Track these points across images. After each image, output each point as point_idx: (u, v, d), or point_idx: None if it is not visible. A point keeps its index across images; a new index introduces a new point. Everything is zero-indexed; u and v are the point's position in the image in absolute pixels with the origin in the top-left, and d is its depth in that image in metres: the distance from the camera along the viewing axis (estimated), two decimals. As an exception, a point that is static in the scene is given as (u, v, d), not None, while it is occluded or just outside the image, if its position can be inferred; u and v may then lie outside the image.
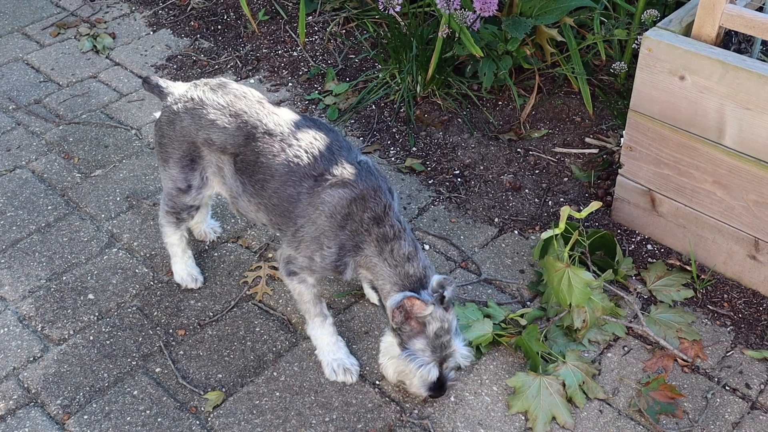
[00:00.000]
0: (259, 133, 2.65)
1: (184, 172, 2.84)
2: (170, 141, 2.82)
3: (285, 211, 2.65)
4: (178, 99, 2.81)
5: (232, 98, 2.74)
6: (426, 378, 2.57)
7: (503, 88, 4.18)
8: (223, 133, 2.70)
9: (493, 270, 3.26)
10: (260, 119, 2.68)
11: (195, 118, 2.75)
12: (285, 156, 2.60)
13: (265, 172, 2.64)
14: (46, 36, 4.77)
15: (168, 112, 2.83)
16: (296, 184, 2.60)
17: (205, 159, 2.81)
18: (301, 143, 2.62)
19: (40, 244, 3.40)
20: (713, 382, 2.83)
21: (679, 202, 3.18)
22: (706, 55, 2.81)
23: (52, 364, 2.91)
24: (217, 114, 2.71)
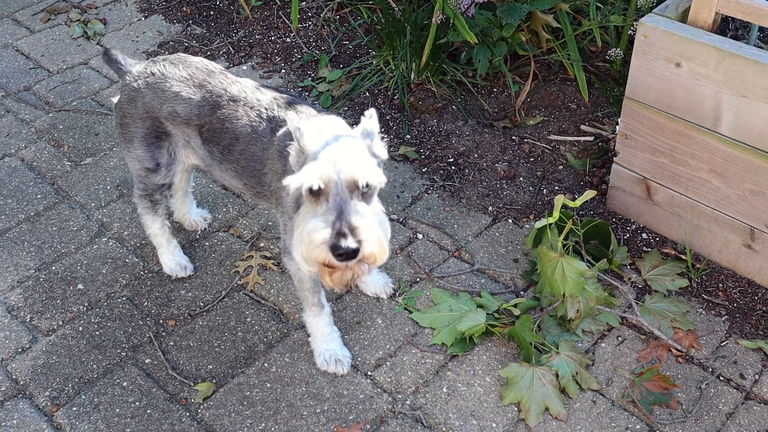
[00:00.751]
0: (223, 101, 2.64)
1: (150, 151, 2.81)
2: (132, 120, 2.78)
3: (254, 171, 2.64)
4: (138, 76, 2.77)
5: (193, 70, 2.72)
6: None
7: (498, 75, 4.14)
8: (188, 104, 2.68)
9: (486, 259, 3.23)
10: (224, 88, 2.67)
11: (158, 92, 2.72)
12: (248, 118, 2.60)
13: (231, 137, 2.63)
14: (36, 22, 4.71)
15: (128, 90, 2.78)
16: (258, 141, 2.60)
17: (171, 134, 2.79)
18: (262, 102, 2.62)
19: (29, 233, 3.36)
20: (707, 372, 2.81)
21: (674, 191, 3.15)
22: (703, 42, 2.76)
23: (41, 355, 2.88)
24: (181, 86, 2.69)
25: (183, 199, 3.27)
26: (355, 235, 2.10)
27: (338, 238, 2.09)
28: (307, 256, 2.17)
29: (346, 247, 2.08)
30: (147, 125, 2.76)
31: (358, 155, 2.20)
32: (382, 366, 2.84)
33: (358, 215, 2.13)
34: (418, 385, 2.78)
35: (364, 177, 2.15)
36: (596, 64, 4.12)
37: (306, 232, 2.15)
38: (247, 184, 2.71)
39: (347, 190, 2.14)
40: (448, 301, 3.02)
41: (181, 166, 2.88)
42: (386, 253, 2.19)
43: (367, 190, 2.18)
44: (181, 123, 2.71)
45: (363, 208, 2.16)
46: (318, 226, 2.12)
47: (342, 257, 2.10)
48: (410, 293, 3.09)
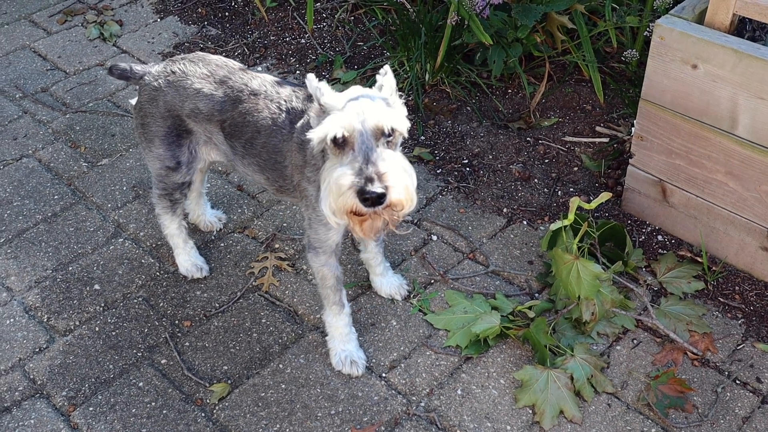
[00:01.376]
0: (244, 96, 2.67)
1: (171, 149, 2.83)
2: (153, 119, 2.80)
3: (275, 164, 2.66)
4: (158, 75, 2.79)
5: (214, 67, 2.75)
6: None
7: (513, 76, 4.13)
8: (210, 100, 2.70)
9: (501, 261, 3.23)
10: (245, 83, 2.69)
11: (179, 90, 2.74)
12: (268, 111, 2.63)
13: (252, 130, 2.65)
14: (53, 23, 4.75)
15: (149, 90, 2.80)
16: (278, 133, 2.62)
17: (192, 132, 2.81)
18: (282, 95, 2.64)
19: (47, 233, 3.39)
20: (723, 375, 2.80)
21: (690, 193, 3.14)
22: (720, 44, 2.75)
23: (58, 355, 2.91)
24: (203, 83, 2.72)
25: (197, 200, 3.29)
26: (382, 181, 2.11)
27: (365, 183, 2.10)
28: (335, 207, 2.17)
29: (372, 191, 2.09)
30: (168, 124, 2.78)
31: (381, 105, 2.22)
32: (397, 368, 2.84)
33: (384, 161, 2.15)
34: (433, 387, 2.78)
35: (389, 122, 2.18)
36: (611, 65, 4.10)
37: (333, 180, 2.17)
38: (269, 178, 2.72)
39: (373, 138, 2.16)
40: (462, 303, 3.02)
41: (201, 163, 2.90)
42: (414, 200, 2.21)
43: (391, 137, 2.21)
44: (203, 119, 2.73)
45: (389, 155, 2.18)
46: (345, 172, 2.14)
47: (368, 202, 2.11)
48: (425, 295, 3.09)
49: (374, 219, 2.19)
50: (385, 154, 2.17)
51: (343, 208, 2.16)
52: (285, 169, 2.65)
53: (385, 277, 3.07)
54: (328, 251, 2.67)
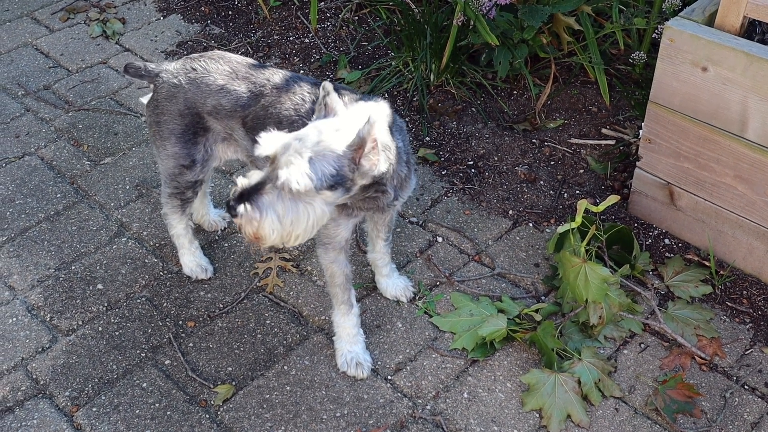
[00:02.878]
0: (267, 89, 2.67)
1: (186, 148, 2.81)
2: (171, 116, 2.77)
3: None
4: (177, 72, 2.77)
5: (234, 65, 2.75)
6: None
7: (518, 77, 4.11)
8: (234, 96, 2.69)
9: (507, 263, 3.20)
10: (267, 78, 2.70)
11: (201, 86, 2.72)
12: (291, 102, 2.63)
13: (275, 121, 2.65)
14: (56, 21, 4.72)
15: (167, 87, 2.78)
16: (301, 123, 2.60)
17: (210, 130, 2.80)
18: (304, 89, 2.65)
19: (49, 232, 3.36)
20: (732, 381, 2.78)
21: (698, 196, 3.12)
22: (731, 46, 2.73)
23: (61, 354, 2.88)
24: (226, 79, 2.71)
25: (201, 200, 3.26)
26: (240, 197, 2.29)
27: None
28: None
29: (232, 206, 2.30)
30: (186, 121, 2.76)
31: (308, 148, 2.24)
32: (402, 370, 2.82)
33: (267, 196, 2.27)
34: (439, 390, 2.76)
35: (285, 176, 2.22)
36: (617, 67, 4.08)
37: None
38: None
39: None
40: (468, 306, 3.00)
41: (216, 162, 2.88)
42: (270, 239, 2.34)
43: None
44: (225, 116, 2.72)
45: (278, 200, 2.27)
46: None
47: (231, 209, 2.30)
48: (430, 297, 3.07)
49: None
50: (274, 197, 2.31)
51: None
52: None
53: (391, 278, 3.05)
54: (338, 247, 2.65)
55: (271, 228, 2.28)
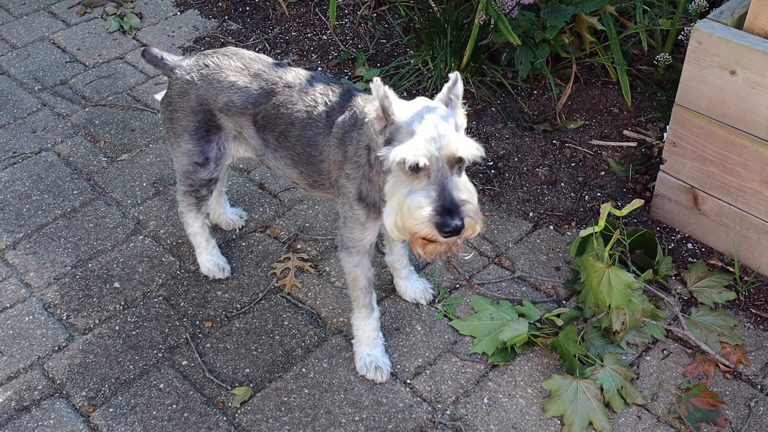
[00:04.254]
0: (279, 88, 2.64)
1: (200, 145, 2.78)
2: (184, 113, 2.75)
3: (310, 158, 2.62)
4: (190, 69, 2.75)
5: (247, 61, 2.71)
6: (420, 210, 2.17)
7: (539, 77, 4.06)
8: (245, 93, 2.66)
9: (527, 267, 3.17)
10: (279, 76, 2.66)
11: (213, 83, 2.70)
12: (303, 103, 2.59)
13: (286, 122, 2.62)
14: (73, 15, 4.70)
15: (180, 83, 2.75)
16: (313, 125, 2.58)
17: (222, 128, 2.76)
18: (317, 90, 2.61)
19: (66, 229, 3.34)
20: (756, 389, 2.73)
21: (723, 201, 3.07)
22: (761, 50, 2.68)
23: (77, 354, 2.86)
24: (238, 76, 2.68)
25: (218, 198, 3.24)
26: (459, 213, 2.13)
27: (444, 217, 2.12)
28: (402, 226, 2.20)
29: (454, 225, 2.12)
30: (199, 118, 2.73)
31: (453, 129, 2.20)
32: (422, 374, 2.79)
33: (458, 191, 2.17)
34: (459, 395, 2.72)
35: (466, 153, 2.17)
36: (639, 68, 4.03)
37: (407, 206, 2.18)
38: (303, 172, 2.67)
39: (447, 166, 2.16)
40: (488, 309, 2.96)
41: (229, 160, 2.85)
42: (483, 225, 2.24)
43: (463, 164, 2.20)
44: (236, 113, 2.69)
45: (462, 183, 2.20)
46: (421, 202, 2.15)
47: (448, 234, 2.13)
48: (450, 300, 3.03)
49: (444, 245, 2.22)
50: (459, 183, 2.18)
51: (413, 232, 2.18)
52: (321, 164, 2.59)
53: (410, 280, 3.02)
54: (362, 251, 2.61)
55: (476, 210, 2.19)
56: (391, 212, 2.22)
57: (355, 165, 2.45)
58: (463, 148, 2.17)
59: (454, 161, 2.17)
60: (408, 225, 2.17)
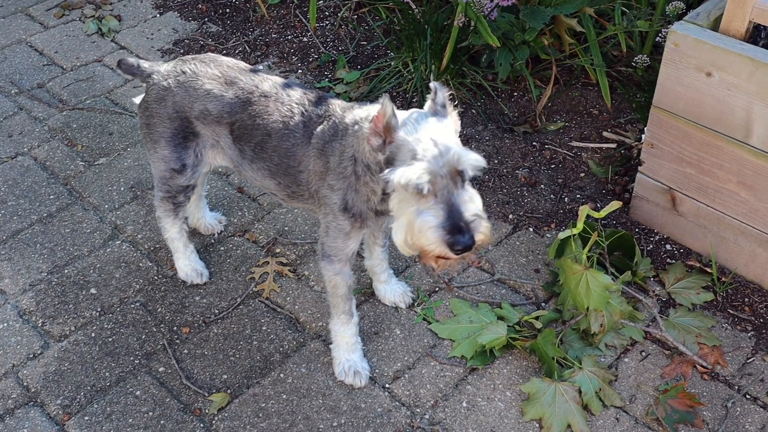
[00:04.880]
0: (255, 97, 2.61)
1: (177, 151, 2.76)
2: (160, 120, 2.73)
3: (288, 168, 2.60)
4: (167, 74, 2.72)
5: (224, 69, 2.69)
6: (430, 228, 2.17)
7: (519, 79, 4.06)
8: (220, 101, 2.64)
9: (507, 269, 3.16)
10: (256, 84, 2.64)
11: (189, 90, 2.67)
12: (279, 113, 2.57)
13: (263, 133, 2.59)
14: (50, 17, 4.66)
15: (157, 89, 2.73)
16: (290, 136, 2.56)
17: (199, 135, 2.74)
18: (293, 99, 2.59)
19: (42, 235, 3.31)
20: (734, 390, 2.74)
21: (700, 202, 3.08)
22: (736, 52, 2.69)
23: (53, 361, 2.83)
24: (213, 83, 2.65)
25: (197, 203, 3.22)
26: (470, 229, 2.13)
27: (455, 236, 2.12)
28: (412, 244, 2.20)
29: (465, 242, 2.13)
30: (176, 125, 2.71)
31: (454, 141, 2.19)
32: (401, 378, 2.78)
33: (465, 206, 2.16)
34: (437, 399, 2.72)
35: (469, 168, 2.16)
36: (618, 69, 4.04)
37: (417, 227, 2.17)
38: (281, 183, 2.65)
39: (452, 181, 2.15)
40: (467, 312, 2.95)
41: (206, 167, 2.82)
42: (492, 235, 2.24)
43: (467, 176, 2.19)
44: (212, 121, 2.66)
45: (468, 197, 2.19)
46: (430, 222, 2.15)
47: (460, 251, 2.14)
48: (429, 303, 3.02)
49: (456, 261, 2.22)
50: (466, 196, 2.17)
51: (427, 252, 2.19)
52: (299, 175, 2.57)
53: (389, 284, 3.01)
54: (344, 259, 2.60)
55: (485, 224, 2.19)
56: (400, 231, 2.22)
57: (339, 175, 2.44)
58: (466, 161, 2.15)
59: (457, 174, 2.16)
60: (419, 244, 2.18)
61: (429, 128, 2.18)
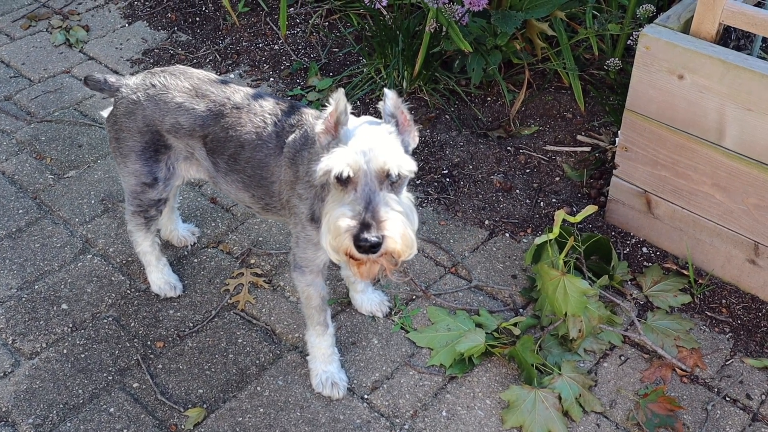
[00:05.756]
0: (227, 109, 2.58)
1: (148, 165, 2.71)
2: (130, 134, 2.68)
3: (261, 180, 2.56)
4: (136, 88, 2.68)
5: (195, 81, 2.65)
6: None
7: (492, 84, 4.06)
8: (192, 114, 2.60)
9: (484, 275, 3.14)
10: (228, 96, 2.60)
11: (159, 104, 2.63)
12: (252, 124, 2.54)
13: (235, 145, 2.56)
14: (17, 29, 4.58)
15: (126, 103, 2.68)
16: (263, 147, 2.52)
17: (171, 148, 2.70)
18: (265, 109, 2.56)
19: (11, 250, 3.24)
20: (713, 392, 2.74)
21: (676, 205, 3.08)
22: (707, 54, 2.69)
23: (24, 379, 2.77)
24: (184, 96, 2.61)
25: (169, 215, 3.17)
26: (379, 229, 2.05)
27: (362, 230, 2.05)
28: (333, 245, 2.13)
29: (366, 239, 2.04)
30: (146, 138, 2.66)
31: (388, 143, 2.13)
32: (379, 389, 2.75)
33: (386, 207, 2.09)
34: (417, 409, 2.69)
35: (395, 166, 2.10)
36: (591, 72, 4.04)
37: (332, 219, 2.11)
38: (255, 195, 2.61)
39: (376, 180, 2.10)
40: (445, 320, 2.93)
41: (179, 180, 2.78)
42: (413, 248, 2.14)
43: (397, 179, 2.13)
44: (184, 135, 2.62)
45: (392, 200, 2.12)
46: (344, 213, 2.09)
47: (363, 250, 2.06)
48: (406, 312, 3.00)
49: (371, 264, 2.14)
50: (388, 198, 2.10)
51: (339, 248, 2.10)
52: (272, 185, 2.54)
53: (366, 293, 2.98)
54: (316, 270, 2.57)
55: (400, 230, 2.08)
56: (325, 231, 2.16)
57: (306, 185, 2.40)
58: (392, 161, 2.10)
59: (383, 176, 2.10)
60: (333, 239, 2.10)
61: (369, 129, 2.16)
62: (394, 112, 2.19)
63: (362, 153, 2.08)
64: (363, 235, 2.04)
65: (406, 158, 2.13)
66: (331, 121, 2.19)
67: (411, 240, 2.12)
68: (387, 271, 2.17)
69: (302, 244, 2.51)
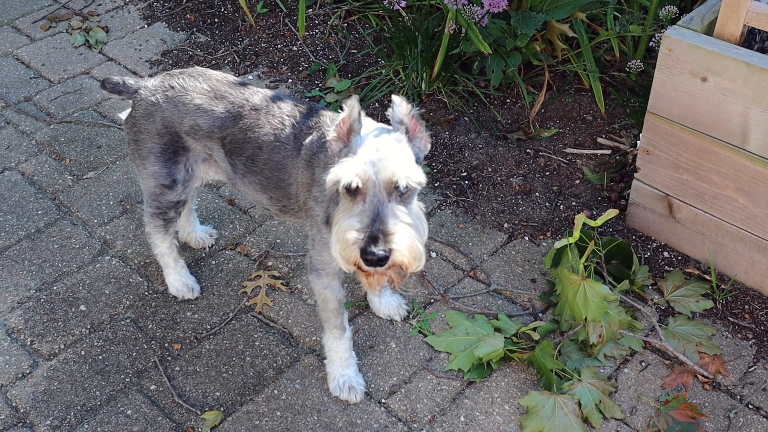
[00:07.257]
0: (246, 111, 2.57)
1: (167, 167, 2.71)
2: (149, 135, 2.68)
3: (279, 182, 2.55)
4: (155, 90, 2.68)
5: (214, 83, 2.64)
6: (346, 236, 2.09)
7: (511, 85, 4.02)
8: (211, 116, 2.59)
9: (503, 279, 3.12)
10: (246, 98, 2.59)
11: (178, 105, 2.63)
12: (270, 126, 2.53)
13: (254, 146, 2.55)
14: (37, 30, 4.60)
15: (144, 105, 2.68)
16: (281, 148, 2.51)
17: (190, 150, 2.69)
18: (284, 111, 2.55)
19: (30, 251, 3.25)
20: (736, 400, 2.70)
21: (698, 209, 3.04)
22: (731, 56, 2.65)
23: (42, 381, 2.77)
24: (203, 98, 2.61)
25: (187, 216, 3.17)
26: (387, 242, 2.04)
27: (369, 243, 2.03)
28: (342, 255, 2.11)
29: (373, 252, 2.02)
30: (165, 140, 2.66)
31: (398, 153, 2.11)
32: (397, 393, 2.73)
33: (394, 219, 2.07)
34: (435, 414, 2.67)
35: (403, 178, 2.08)
36: (611, 74, 4.00)
37: (341, 230, 2.10)
38: (272, 197, 2.60)
39: (385, 191, 2.08)
40: (464, 324, 2.91)
41: (198, 182, 2.77)
42: (421, 260, 2.12)
43: (406, 191, 2.11)
44: (203, 136, 2.62)
45: (400, 212, 2.09)
46: (353, 225, 2.07)
47: (370, 263, 2.05)
48: (424, 315, 2.98)
49: (379, 276, 2.13)
50: (397, 210, 2.09)
51: (347, 259, 2.09)
52: (289, 187, 2.53)
53: (384, 296, 2.96)
54: (332, 273, 2.55)
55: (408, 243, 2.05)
56: (334, 241, 2.14)
57: (322, 187, 2.39)
58: (401, 172, 2.07)
59: (392, 187, 2.08)
60: (341, 250, 2.09)
61: (379, 138, 2.14)
62: (403, 119, 2.16)
63: (371, 164, 2.06)
64: (370, 248, 2.02)
65: (416, 169, 2.11)
66: (343, 128, 2.17)
67: (419, 252, 2.10)
68: (395, 282, 2.16)
69: (318, 247, 2.50)
